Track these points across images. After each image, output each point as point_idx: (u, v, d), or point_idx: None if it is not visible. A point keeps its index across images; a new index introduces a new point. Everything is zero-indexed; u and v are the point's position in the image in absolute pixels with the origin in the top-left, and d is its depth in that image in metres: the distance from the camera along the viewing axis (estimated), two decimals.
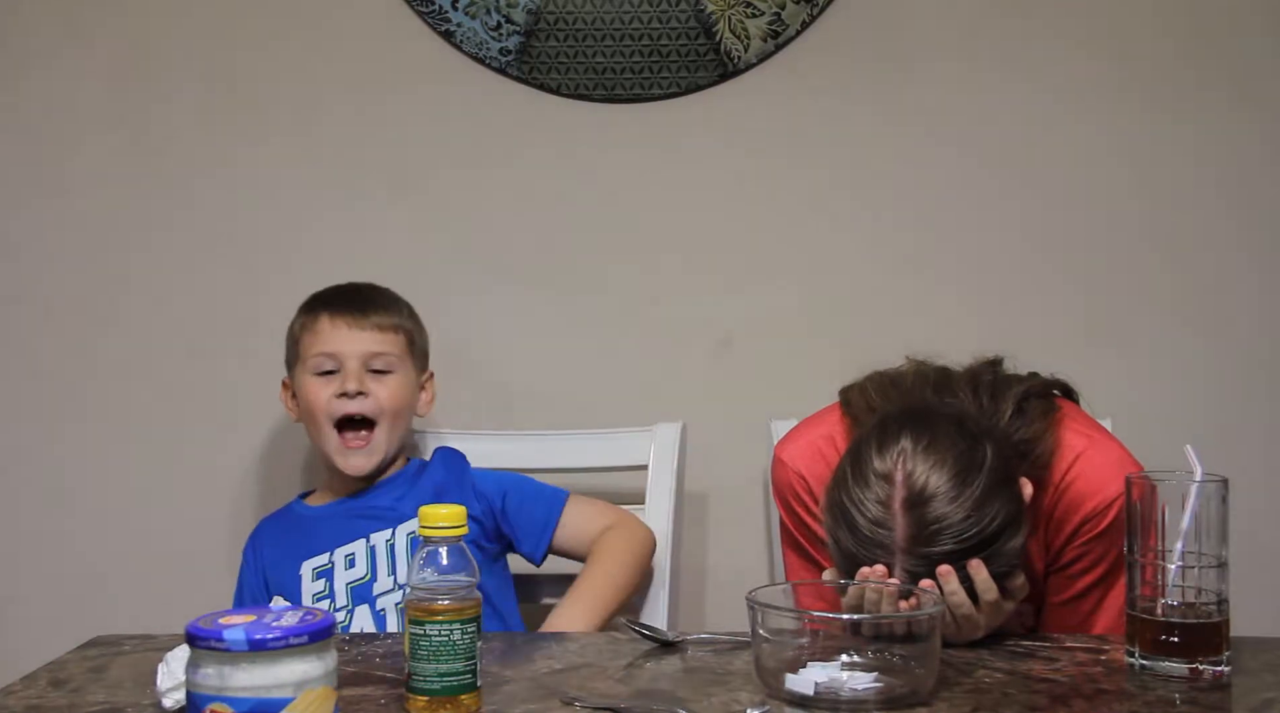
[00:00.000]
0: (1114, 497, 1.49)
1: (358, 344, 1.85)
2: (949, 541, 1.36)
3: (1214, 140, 2.22)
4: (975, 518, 1.37)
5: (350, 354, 1.84)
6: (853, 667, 1.24)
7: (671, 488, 2.00)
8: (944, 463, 1.39)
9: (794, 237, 2.25)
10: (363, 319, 1.86)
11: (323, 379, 1.85)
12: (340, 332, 1.85)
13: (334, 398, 1.83)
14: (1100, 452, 1.54)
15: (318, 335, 1.86)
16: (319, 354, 1.85)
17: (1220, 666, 1.28)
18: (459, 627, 1.18)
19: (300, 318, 1.90)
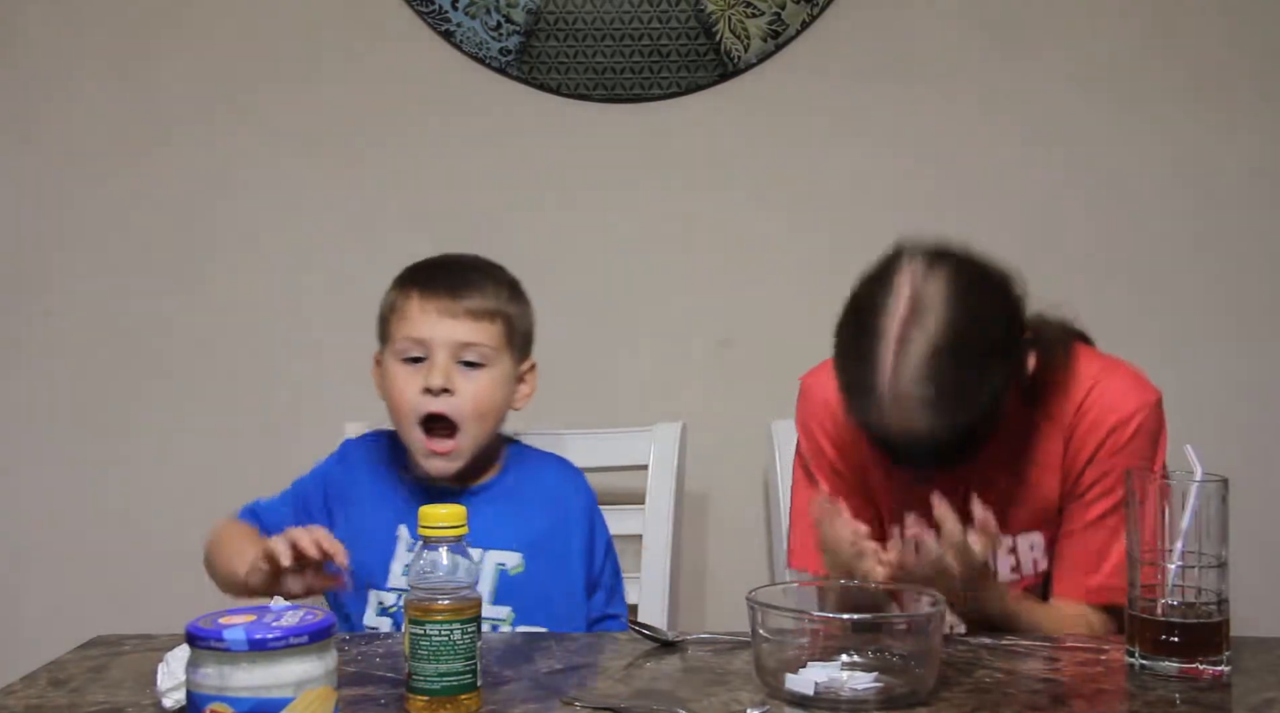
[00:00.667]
0: (1134, 410, 1.54)
1: (448, 332, 1.63)
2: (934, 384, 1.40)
3: (1217, 140, 2.22)
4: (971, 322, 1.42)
5: (439, 343, 1.63)
6: (853, 667, 1.24)
7: (671, 488, 2.00)
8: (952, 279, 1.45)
9: (794, 236, 2.25)
10: (455, 304, 1.64)
11: (409, 367, 1.64)
12: (429, 317, 1.63)
13: (419, 393, 1.62)
14: (1116, 376, 1.58)
15: (405, 318, 1.64)
16: (406, 339, 1.64)
17: (1220, 666, 1.28)
18: (459, 627, 1.17)
19: (391, 294, 1.69)
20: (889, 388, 1.42)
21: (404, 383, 1.64)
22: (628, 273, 2.27)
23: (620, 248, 2.26)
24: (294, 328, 2.27)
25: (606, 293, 2.26)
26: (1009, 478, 1.59)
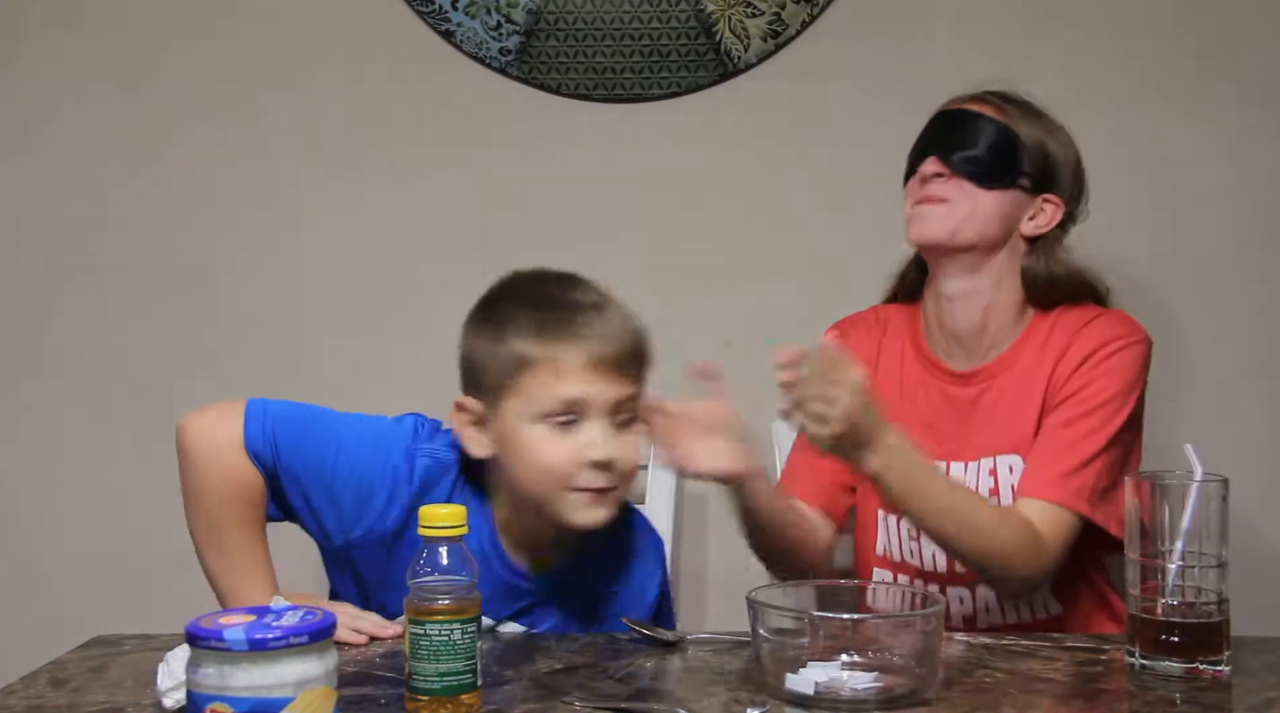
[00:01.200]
0: (1123, 334, 1.67)
1: (611, 391, 1.41)
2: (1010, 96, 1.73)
3: (1222, 137, 2.22)
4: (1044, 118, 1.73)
5: (600, 405, 1.40)
6: (853, 667, 1.24)
7: (671, 488, 2.00)
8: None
9: (795, 236, 2.25)
10: (623, 368, 1.42)
11: (559, 431, 1.39)
12: (592, 381, 1.39)
13: (580, 466, 1.39)
14: (1113, 313, 1.72)
15: (559, 380, 1.39)
16: (563, 401, 1.39)
17: (1220, 666, 1.28)
18: (459, 627, 1.18)
19: (524, 344, 1.41)
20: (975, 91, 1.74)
21: (554, 449, 1.39)
22: (627, 273, 2.26)
23: (620, 247, 2.26)
24: (295, 328, 2.27)
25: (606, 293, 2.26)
26: (999, 396, 1.70)
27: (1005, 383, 1.71)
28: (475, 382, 1.45)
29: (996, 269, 1.70)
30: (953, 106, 1.75)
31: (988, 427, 1.70)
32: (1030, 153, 1.69)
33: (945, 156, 1.69)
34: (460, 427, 1.45)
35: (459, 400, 1.46)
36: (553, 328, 1.42)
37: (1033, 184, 1.70)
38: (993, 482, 1.68)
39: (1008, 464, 1.67)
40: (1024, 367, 1.71)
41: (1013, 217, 1.70)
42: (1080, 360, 1.66)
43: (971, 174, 1.68)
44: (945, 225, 1.68)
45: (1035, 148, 1.70)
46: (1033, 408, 1.68)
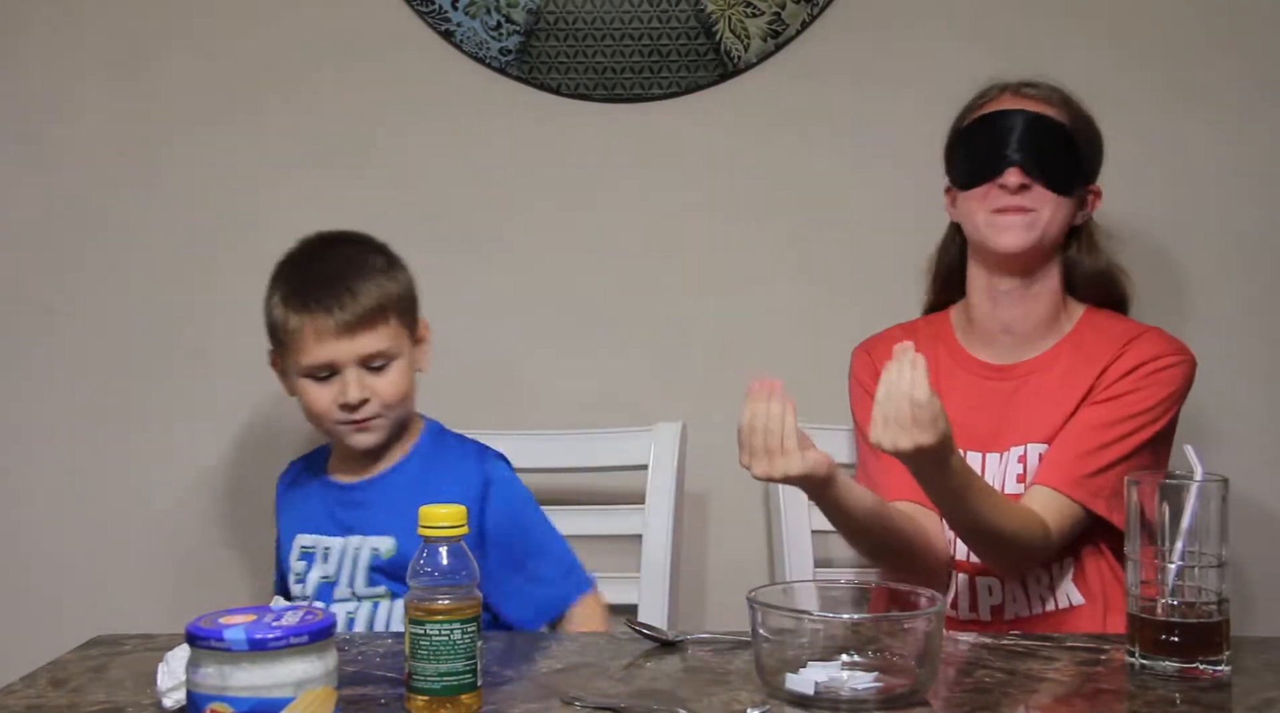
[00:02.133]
0: (1175, 351, 1.74)
1: (350, 350, 1.71)
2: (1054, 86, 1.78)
3: (1222, 136, 2.22)
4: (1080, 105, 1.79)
5: (346, 361, 1.71)
6: (853, 667, 1.24)
7: (671, 488, 2.00)
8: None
9: (795, 236, 2.25)
10: (349, 321, 1.70)
11: (319, 383, 1.73)
12: (327, 343, 1.70)
13: (338, 408, 1.72)
14: (1166, 334, 1.78)
15: (305, 348, 1.71)
16: (315, 364, 1.71)
17: (1220, 666, 1.28)
18: (459, 627, 1.18)
19: (278, 311, 1.74)
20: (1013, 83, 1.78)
21: (318, 397, 1.73)
22: (628, 273, 2.27)
23: (620, 248, 2.26)
24: None
25: (606, 293, 2.26)
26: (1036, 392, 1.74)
27: (1044, 380, 1.76)
28: (271, 338, 1.78)
29: (1048, 260, 1.78)
30: (1009, 105, 1.77)
31: (1022, 420, 1.75)
32: (1086, 149, 1.77)
33: (1028, 168, 1.72)
34: (274, 369, 1.80)
35: (273, 352, 1.79)
36: (298, 301, 1.72)
37: (1087, 176, 1.79)
38: (1021, 469, 1.73)
39: (1038, 452, 1.72)
40: (1064, 366, 1.76)
41: (1073, 210, 1.78)
42: (1131, 368, 1.72)
43: (1053, 184, 1.73)
44: (1032, 235, 1.73)
45: (1088, 143, 1.78)
46: (1070, 404, 1.73)
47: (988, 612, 1.73)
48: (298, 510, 1.82)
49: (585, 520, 2.05)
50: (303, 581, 1.76)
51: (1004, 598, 1.73)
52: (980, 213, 1.75)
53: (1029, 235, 1.72)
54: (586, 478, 2.12)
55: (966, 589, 1.74)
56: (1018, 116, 1.74)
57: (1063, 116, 1.75)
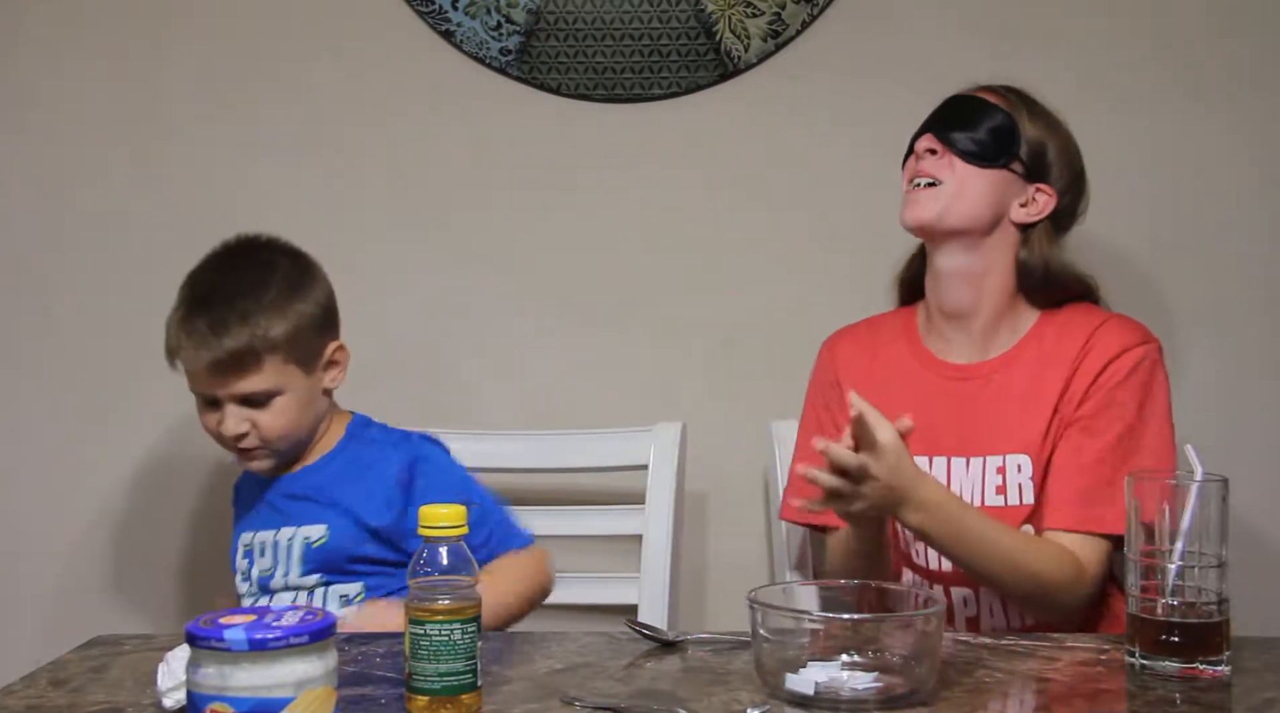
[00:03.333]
0: (1135, 344, 1.69)
1: (226, 387, 1.69)
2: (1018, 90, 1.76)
3: (1219, 135, 2.21)
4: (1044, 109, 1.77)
5: (224, 396, 1.71)
6: (853, 667, 1.24)
7: (671, 488, 2.00)
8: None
9: (794, 236, 2.25)
10: (224, 365, 1.68)
11: (207, 407, 1.74)
12: (203, 375, 1.70)
13: (222, 434, 1.73)
14: (1120, 319, 1.74)
15: (186, 370, 1.73)
16: (196, 391, 1.74)
17: (1220, 666, 1.28)
18: (459, 627, 1.18)
19: (172, 332, 1.74)
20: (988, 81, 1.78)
21: (206, 421, 1.74)
22: (628, 273, 2.27)
23: (620, 248, 2.26)
24: None
25: (606, 293, 2.26)
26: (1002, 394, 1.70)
27: (1008, 381, 1.72)
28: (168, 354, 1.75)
29: (989, 251, 1.72)
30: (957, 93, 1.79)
31: (992, 425, 1.70)
32: (1027, 141, 1.72)
33: (940, 133, 1.73)
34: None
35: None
36: (185, 324, 1.69)
37: (1026, 171, 1.72)
38: (1000, 480, 1.69)
39: (1016, 463, 1.68)
40: (1029, 366, 1.71)
41: (1003, 200, 1.72)
42: (1098, 370, 1.67)
43: (965, 152, 1.71)
44: (934, 207, 1.71)
45: (1033, 138, 1.73)
46: (1042, 411, 1.68)
47: (963, 623, 1.69)
48: (243, 511, 1.85)
49: (585, 520, 2.06)
50: (248, 578, 1.78)
51: (979, 610, 1.69)
52: (903, 188, 1.76)
53: (933, 206, 1.70)
54: (586, 478, 2.12)
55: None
56: (956, 98, 1.77)
57: (1007, 106, 1.73)
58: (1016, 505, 1.67)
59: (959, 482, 1.70)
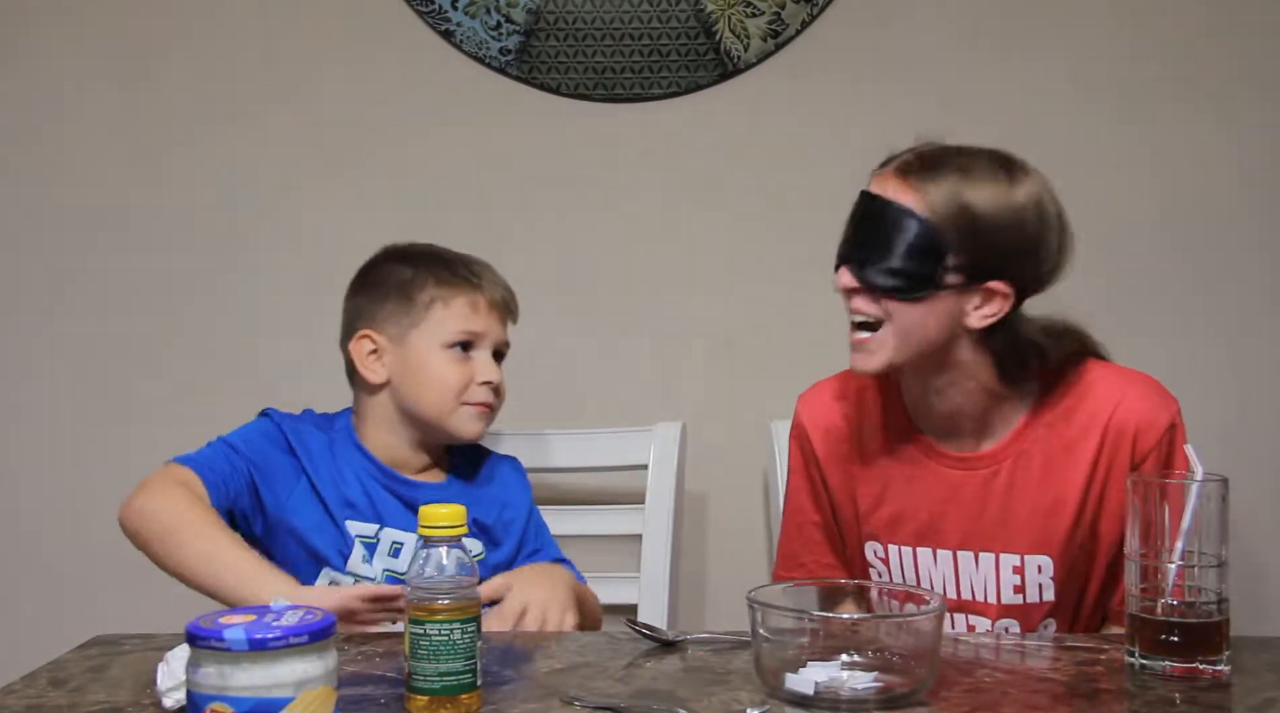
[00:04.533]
0: (1169, 423, 1.55)
1: (499, 332, 1.77)
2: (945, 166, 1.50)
3: (1217, 137, 2.22)
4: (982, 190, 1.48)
5: (491, 341, 1.75)
6: (853, 667, 1.24)
7: (671, 488, 2.00)
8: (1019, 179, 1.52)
9: (794, 236, 2.25)
10: (507, 306, 1.78)
11: (460, 357, 1.73)
12: (491, 319, 1.75)
13: (475, 385, 1.73)
14: (1138, 391, 1.57)
15: (466, 314, 1.73)
16: (464, 332, 1.73)
17: (1220, 666, 1.28)
18: (459, 627, 1.18)
19: (432, 280, 1.73)
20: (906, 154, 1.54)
21: (455, 372, 1.72)
22: (628, 273, 2.27)
23: (620, 248, 2.26)
24: (294, 328, 2.27)
25: (606, 293, 2.26)
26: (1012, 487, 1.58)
27: (1017, 472, 1.57)
28: (382, 316, 1.74)
29: (957, 361, 1.54)
30: (870, 186, 1.55)
31: (1006, 521, 1.57)
32: (956, 241, 1.46)
33: (856, 271, 1.51)
34: (360, 358, 1.75)
35: (364, 332, 1.75)
36: (463, 273, 1.75)
37: (968, 277, 1.48)
38: (1018, 579, 1.57)
39: (1036, 564, 1.56)
40: (1040, 457, 1.57)
41: (952, 317, 1.50)
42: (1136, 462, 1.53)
43: (889, 289, 1.49)
44: (876, 359, 1.52)
45: (962, 233, 1.46)
46: (1065, 512, 1.55)
47: None
48: (340, 489, 1.71)
49: (585, 520, 2.06)
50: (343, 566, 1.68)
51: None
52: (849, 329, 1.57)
53: (875, 358, 1.52)
54: (586, 478, 2.12)
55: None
56: (865, 204, 1.53)
57: (920, 199, 1.47)
58: (1036, 603, 1.58)
59: (969, 577, 1.59)
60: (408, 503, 1.72)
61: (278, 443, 1.73)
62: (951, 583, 1.59)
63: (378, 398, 1.76)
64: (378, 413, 1.76)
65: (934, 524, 1.59)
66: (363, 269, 1.81)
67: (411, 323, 1.73)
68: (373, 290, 1.77)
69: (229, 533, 1.59)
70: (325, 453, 1.74)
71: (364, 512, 1.71)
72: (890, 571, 1.63)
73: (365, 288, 1.78)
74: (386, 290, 1.75)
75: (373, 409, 1.77)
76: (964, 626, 1.60)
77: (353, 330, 1.77)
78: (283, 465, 1.71)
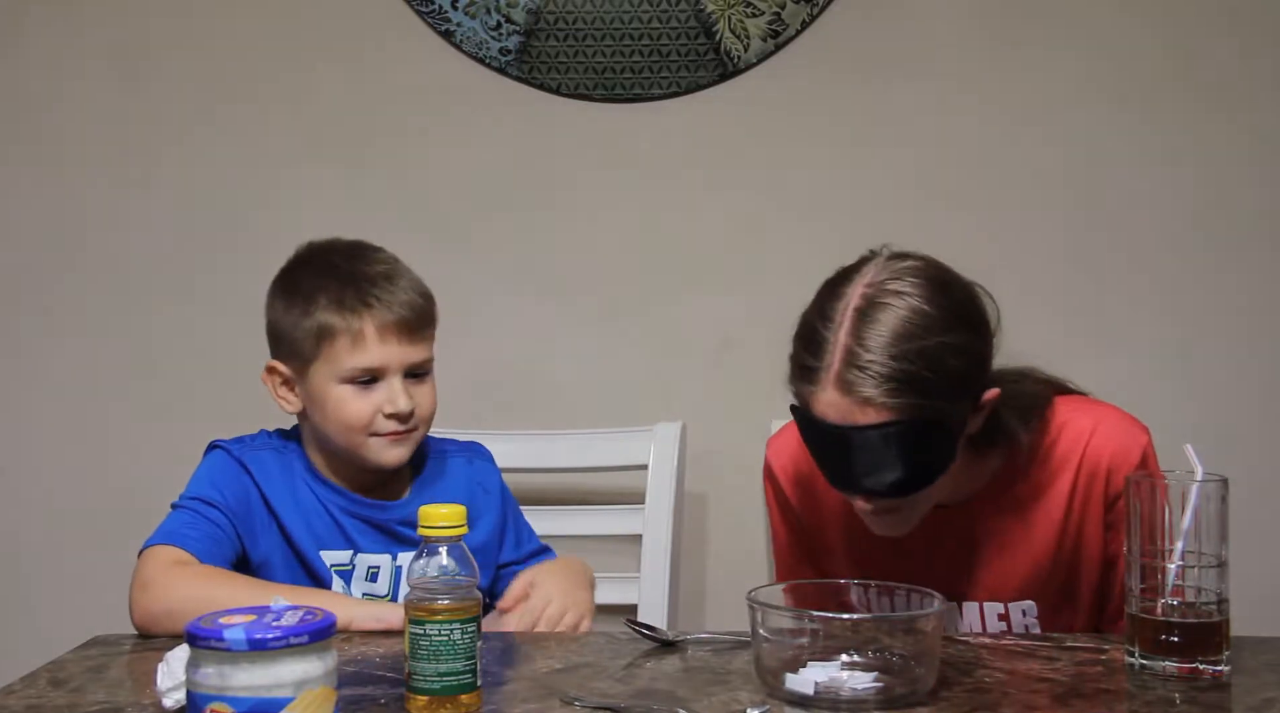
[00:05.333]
0: (1136, 442, 1.52)
1: (406, 356, 1.60)
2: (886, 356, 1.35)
3: (1217, 136, 2.22)
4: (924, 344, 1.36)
5: (395, 367, 1.60)
6: (853, 667, 1.24)
7: (671, 488, 2.00)
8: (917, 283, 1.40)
9: (794, 236, 2.25)
10: (412, 326, 1.61)
11: (360, 390, 1.59)
12: (389, 346, 1.59)
13: (380, 416, 1.59)
14: (1107, 428, 1.54)
15: (359, 348, 1.58)
16: (359, 369, 1.59)
17: (1220, 666, 1.27)
18: (459, 627, 1.17)
19: (326, 315, 1.59)
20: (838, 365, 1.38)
21: (360, 406, 1.59)
22: (628, 273, 2.27)
23: (620, 248, 2.26)
24: None
25: (606, 293, 2.26)
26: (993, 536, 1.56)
27: (996, 525, 1.56)
28: (284, 348, 1.63)
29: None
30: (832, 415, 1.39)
31: (985, 569, 1.56)
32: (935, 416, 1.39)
33: (869, 498, 1.44)
34: (274, 388, 1.65)
35: (270, 364, 1.64)
36: (349, 300, 1.59)
37: (957, 426, 1.43)
38: (1005, 626, 1.57)
39: (1020, 608, 1.56)
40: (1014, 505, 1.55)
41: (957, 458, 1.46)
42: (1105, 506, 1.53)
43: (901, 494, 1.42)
44: (904, 528, 1.49)
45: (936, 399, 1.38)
46: (1042, 557, 1.54)
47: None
48: (308, 521, 1.64)
49: (585, 520, 2.06)
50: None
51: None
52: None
53: (903, 528, 1.48)
54: (586, 478, 2.12)
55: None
56: (847, 438, 1.39)
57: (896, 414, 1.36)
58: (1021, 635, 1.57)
59: (953, 624, 1.57)
60: (378, 525, 1.65)
61: (238, 478, 1.63)
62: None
63: (309, 426, 1.66)
64: (314, 441, 1.67)
65: (913, 575, 1.50)
66: (276, 279, 1.68)
67: (305, 360, 1.61)
68: (276, 316, 1.65)
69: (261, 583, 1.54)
70: (285, 485, 1.64)
71: (335, 540, 1.64)
72: None
73: (272, 309, 1.66)
74: (283, 321, 1.63)
75: (310, 434, 1.67)
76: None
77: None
78: (251, 500, 1.62)
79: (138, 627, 1.49)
